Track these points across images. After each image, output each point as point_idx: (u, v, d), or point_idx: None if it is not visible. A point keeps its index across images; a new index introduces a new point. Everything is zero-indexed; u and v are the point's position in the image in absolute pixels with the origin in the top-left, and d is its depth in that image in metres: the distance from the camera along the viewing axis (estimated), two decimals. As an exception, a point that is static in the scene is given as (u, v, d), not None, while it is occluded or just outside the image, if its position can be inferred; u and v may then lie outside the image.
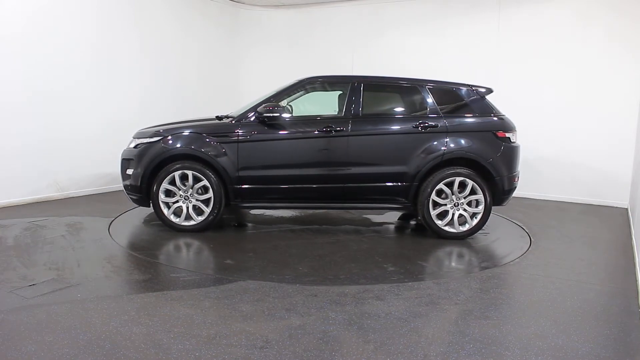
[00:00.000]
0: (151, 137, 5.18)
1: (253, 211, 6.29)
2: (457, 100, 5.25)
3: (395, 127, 5.17)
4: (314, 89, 5.54)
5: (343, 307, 3.27)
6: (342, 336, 2.86)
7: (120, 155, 5.43)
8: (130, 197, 5.29)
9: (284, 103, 5.48)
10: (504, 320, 3.17)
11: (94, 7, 6.83)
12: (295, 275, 3.92)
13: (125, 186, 5.30)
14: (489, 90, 5.28)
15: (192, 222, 5.10)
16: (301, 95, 5.56)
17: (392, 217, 6.14)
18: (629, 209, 6.68)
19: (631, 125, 6.88)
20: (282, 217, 6.06)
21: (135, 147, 5.25)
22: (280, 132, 5.10)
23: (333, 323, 3.03)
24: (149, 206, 5.21)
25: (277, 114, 4.99)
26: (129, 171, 5.20)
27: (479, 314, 3.23)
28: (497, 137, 5.06)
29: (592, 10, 7.05)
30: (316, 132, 5.08)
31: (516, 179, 5.20)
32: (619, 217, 6.48)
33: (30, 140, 6.21)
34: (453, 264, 4.56)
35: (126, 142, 7.53)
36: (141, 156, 5.12)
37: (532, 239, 5.20)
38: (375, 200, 5.20)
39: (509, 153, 5.10)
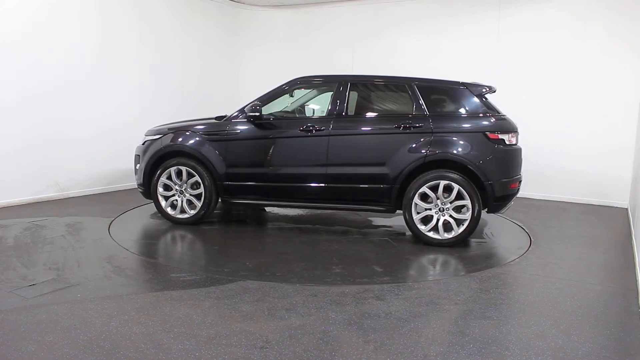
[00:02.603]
0: (154, 134, 5.58)
1: (265, 209, 6.42)
2: (448, 99, 5.01)
3: (377, 127, 5.01)
4: (319, 90, 5.57)
5: (343, 307, 3.27)
6: (342, 336, 2.86)
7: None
8: (139, 191, 5.68)
9: (293, 103, 5.56)
10: (504, 320, 3.17)
11: (94, 7, 6.83)
12: (233, 270, 4.02)
13: (136, 180, 5.70)
14: (488, 89, 4.99)
15: (185, 215, 5.39)
16: (316, 96, 5.64)
17: (399, 220, 6.03)
18: (629, 209, 6.68)
19: (631, 125, 6.88)
20: (284, 216, 6.10)
21: (143, 144, 5.65)
22: (265, 131, 5.20)
23: (333, 323, 3.03)
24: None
25: (258, 114, 5.11)
26: (138, 166, 5.63)
27: (479, 314, 3.23)
28: (488, 138, 4.72)
29: (591, 10, 7.04)
30: (298, 132, 5.10)
31: (515, 184, 4.84)
32: (619, 217, 6.48)
33: (30, 140, 6.21)
34: (410, 271, 4.27)
35: (126, 141, 7.59)
36: (144, 152, 5.54)
37: (532, 239, 5.20)
38: (358, 201, 5.08)
39: (503, 156, 4.75)
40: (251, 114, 5.12)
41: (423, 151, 4.78)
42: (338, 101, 5.10)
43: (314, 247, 4.75)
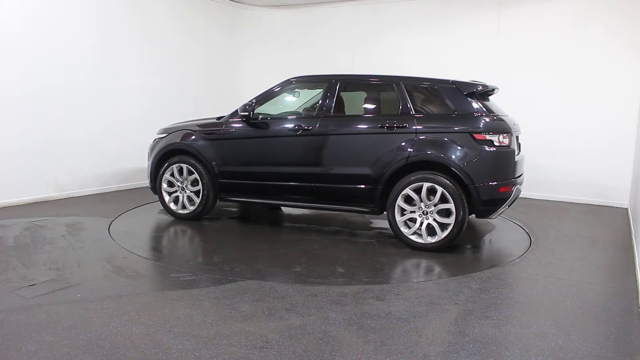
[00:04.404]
0: (162, 133, 5.88)
1: (280, 208, 6.47)
2: (435, 98, 4.83)
3: (361, 127, 4.94)
4: (315, 90, 5.57)
5: (343, 307, 3.27)
6: (342, 336, 2.86)
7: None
8: (149, 187, 5.94)
9: (304, 104, 5.59)
10: (504, 320, 3.17)
11: (94, 7, 6.83)
12: (197, 264, 4.20)
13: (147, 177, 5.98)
14: (482, 88, 4.74)
15: (186, 211, 5.62)
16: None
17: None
18: (629, 209, 6.68)
19: (631, 125, 6.88)
20: (288, 215, 6.14)
21: (153, 142, 5.93)
22: (255, 131, 5.29)
23: (333, 323, 3.03)
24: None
25: (247, 113, 5.21)
26: (147, 163, 5.93)
27: (479, 314, 3.23)
28: (474, 139, 4.48)
29: (592, 11, 7.04)
30: (286, 131, 5.14)
31: (507, 188, 4.56)
32: (619, 217, 6.48)
33: (30, 140, 6.21)
34: (371, 274, 4.01)
35: (126, 141, 7.61)
36: (152, 150, 5.85)
37: (532, 239, 5.19)
38: (343, 201, 5.01)
39: (491, 158, 4.48)
40: (242, 113, 5.26)
41: (406, 152, 4.64)
42: (326, 101, 5.09)
43: (292, 246, 4.77)
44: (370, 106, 5.29)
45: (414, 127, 4.68)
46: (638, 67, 6.82)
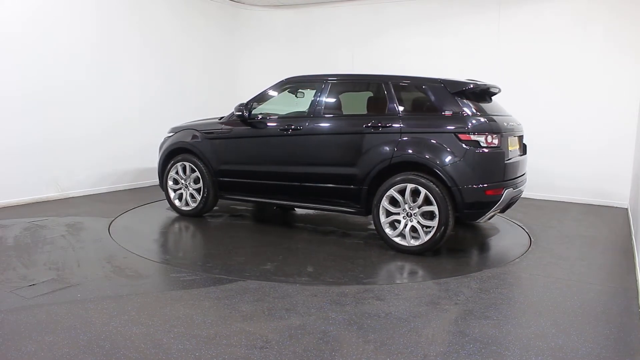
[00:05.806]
0: (169, 132, 6.09)
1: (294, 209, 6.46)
2: (423, 97, 4.74)
3: (347, 127, 4.87)
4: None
5: (343, 307, 3.27)
6: (342, 336, 2.86)
7: None
8: (159, 184, 6.14)
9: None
10: (504, 320, 3.17)
11: (94, 7, 6.83)
12: (174, 257, 4.42)
13: None
14: (475, 87, 4.59)
15: (188, 208, 5.81)
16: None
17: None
18: (629, 209, 6.68)
19: (631, 125, 6.88)
20: (291, 214, 6.12)
21: (163, 140, 6.14)
22: (250, 130, 5.38)
23: (333, 323, 3.03)
24: None
25: (240, 113, 5.32)
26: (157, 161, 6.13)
27: (479, 314, 3.23)
28: (459, 140, 4.32)
29: (592, 11, 7.03)
30: (277, 131, 5.19)
31: (495, 191, 4.37)
32: (619, 217, 6.48)
33: (30, 140, 6.21)
34: (338, 275, 3.96)
35: (126, 141, 7.61)
36: (160, 149, 6.08)
37: (532, 239, 5.19)
38: (331, 201, 4.97)
39: (477, 160, 4.30)
40: (237, 113, 5.36)
41: (390, 152, 4.55)
42: (317, 100, 5.10)
43: (276, 244, 4.79)
44: (359, 106, 5.23)
45: (399, 127, 4.58)
46: (638, 67, 6.82)
